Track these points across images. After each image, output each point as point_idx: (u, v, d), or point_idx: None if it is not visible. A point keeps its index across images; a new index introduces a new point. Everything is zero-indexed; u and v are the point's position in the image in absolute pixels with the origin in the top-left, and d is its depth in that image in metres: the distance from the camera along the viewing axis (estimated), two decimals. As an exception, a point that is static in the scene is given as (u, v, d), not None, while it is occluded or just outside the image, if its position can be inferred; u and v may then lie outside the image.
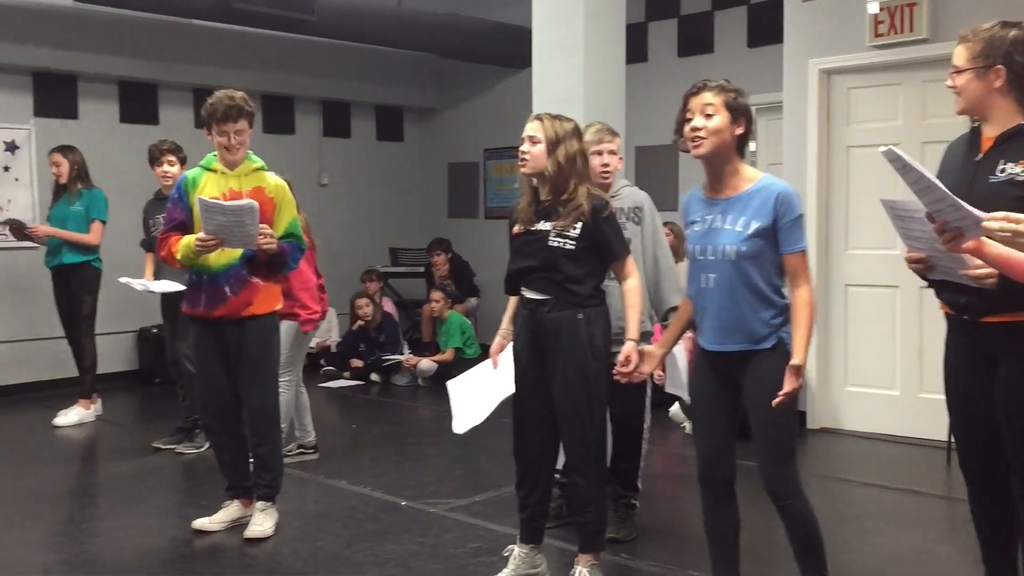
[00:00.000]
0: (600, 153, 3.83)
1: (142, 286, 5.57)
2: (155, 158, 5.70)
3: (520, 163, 3.44)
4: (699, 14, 8.05)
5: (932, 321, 5.57)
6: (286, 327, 5.22)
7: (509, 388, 3.42)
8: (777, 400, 2.78)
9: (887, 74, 5.86)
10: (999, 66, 2.66)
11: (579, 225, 3.31)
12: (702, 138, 2.88)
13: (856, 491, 4.93)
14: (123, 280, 5.61)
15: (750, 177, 2.93)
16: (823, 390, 6.15)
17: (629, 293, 3.41)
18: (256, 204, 3.85)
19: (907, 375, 5.85)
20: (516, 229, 3.45)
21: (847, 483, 5.05)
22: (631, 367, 3.23)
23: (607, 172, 3.87)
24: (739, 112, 2.89)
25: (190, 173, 4.19)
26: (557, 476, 3.75)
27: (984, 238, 2.27)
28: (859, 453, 5.72)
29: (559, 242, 3.31)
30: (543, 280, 3.35)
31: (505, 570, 3.53)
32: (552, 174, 3.34)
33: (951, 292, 2.70)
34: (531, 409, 3.43)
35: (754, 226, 2.86)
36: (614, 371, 3.27)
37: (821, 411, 6.14)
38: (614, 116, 4.83)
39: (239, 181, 4.07)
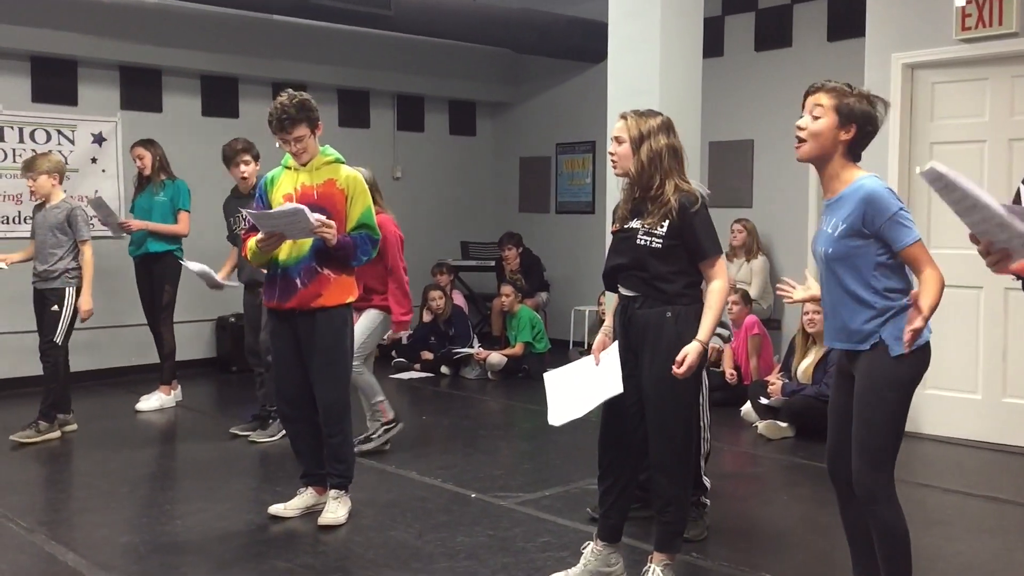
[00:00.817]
0: None
1: (196, 267, 5.81)
2: (229, 159, 5.82)
3: (611, 164, 3.46)
4: (778, 7, 7.91)
5: (1017, 323, 5.41)
6: (373, 315, 5.32)
7: (616, 388, 3.33)
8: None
9: (974, 69, 5.69)
10: None
11: (666, 223, 3.28)
12: (802, 140, 2.87)
13: (935, 497, 4.81)
14: (182, 262, 5.86)
15: (849, 179, 2.88)
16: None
17: (710, 295, 3.34)
18: (301, 207, 3.91)
19: (990, 379, 5.68)
20: (614, 227, 3.47)
21: (926, 488, 4.93)
22: (684, 368, 3.18)
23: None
24: (851, 117, 2.85)
25: (271, 173, 4.31)
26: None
27: None
28: (939, 458, 5.58)
29: (646, 240, 3.30)
30: (633, 277, 3.34)
31: (577, 566, 3.53)
32: (636, 172, 3.33)
33: None
34: (620, 404, 3.40)
35: (842, 228, 2.83)
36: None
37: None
38: (690, 111, 4.79)
39: (311, 176, 4.16)
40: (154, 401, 6.69)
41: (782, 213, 7.88)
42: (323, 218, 3.97)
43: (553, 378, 3.57)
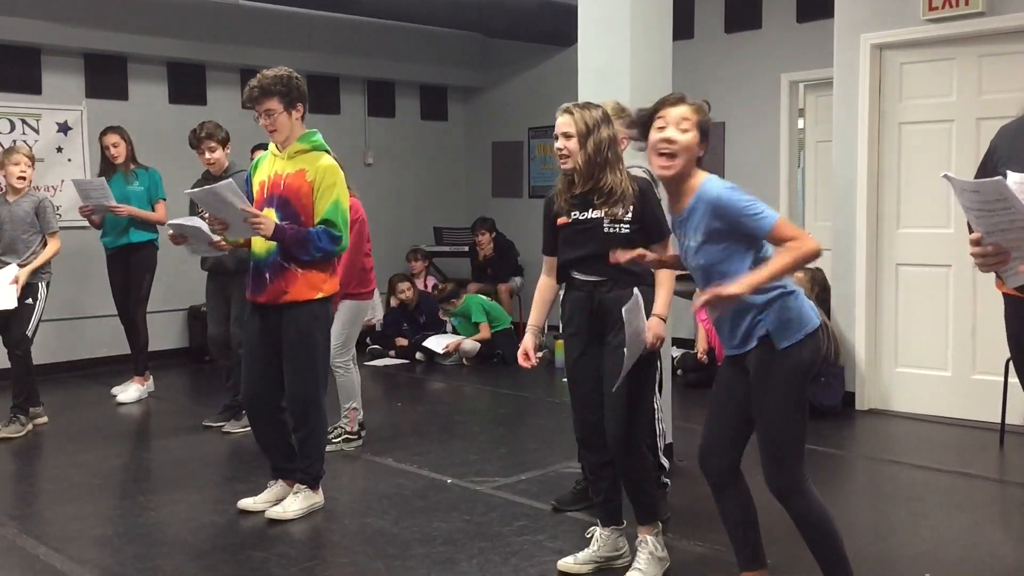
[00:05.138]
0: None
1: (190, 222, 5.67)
2: (194, 145, 5.74)
3: (560, 160, 3.44)
4: (747, -11, 7.92)
5: (986, 301, 5.47)
6: (346, 306, 5.28)
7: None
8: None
9: (942, 48, 5.72)
10: None
11: (630, 208, 3.35)
12: (673, 154, 2.83)
13: (906, 473, 4.87)
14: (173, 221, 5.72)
15: (693, 188, 2.88)
16: (873, 371, 6.07)
17: (662, 272, 3.41)
18: (229, 181, 3.92)
19: (959, 356, 5.75)
20: (562, 220, 3.44)
21: (897, 465, 4.98)
22: (652, 338, 3.28)
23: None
24: (706, 134, 2.90)
25: (259, 156, 4.28)
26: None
27: None
28: (909, 435, 5.65)
29: (614, 228, 3.34)
30: (598, 264, 3.35)
31: (587, 550, 3.55)
32: (584, 165, 3.35)
33: None
34: (589, 388, 3.43)
35: (701, 239, 2.85)
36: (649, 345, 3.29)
37: (871, 392, 6.07)
38: (660, 93, 4.73)
39: (286, 164, 4.07)
40: (132, 392, 6.62)
41: (753, 195, 7.89)
42: (250, 209, 3.88)
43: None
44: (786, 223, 2.82)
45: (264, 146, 4.60)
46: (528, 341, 3.52)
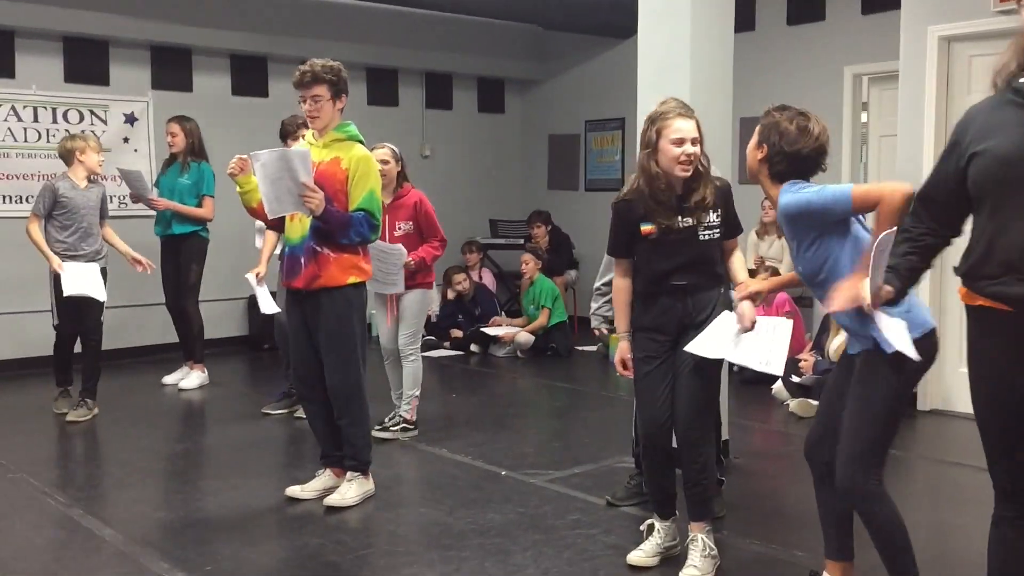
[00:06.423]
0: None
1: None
2: (290, 132, 5.76)
3: (684, 168, 3.27)
4: (811, -20, 7.79)
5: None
6: (418, 295, 5.34)
7: (776, 368, 3.26)
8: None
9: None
10: None
11: (718, 212, 3.38)
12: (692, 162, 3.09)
13: (968, 475, 4.76)
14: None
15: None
16: (935, 371, 5.88)
17: (736, 260, 3.53)
18: (306, 150, 3.97)
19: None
20: (647, 228, 3.34)
21: (959, 467, 4.88)
22: (748, 292, 3.33)
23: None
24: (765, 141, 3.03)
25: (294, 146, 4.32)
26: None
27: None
28: (971, 436, 5.47)
29: (708, 235, 3.36)
30: (692, 269, 3.36)
31: (651, 541, 3.55)
32: (699, 170, 3.34)
33: (1019, 283, 2.33)
34: (664, 389, 3.41)
35: (795, 245, 2.98)
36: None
37: (933, 392, 5.94)
38: (721, 86, 4.73)
39: (321, 152, 4.11)
40: (194, 379, 6.74)
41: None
42: (311, 183, 3.90)
43: (727, 320, 3.37)
44: (862, 189, 2.79)
45: None
46: (626, 349, 3.47)
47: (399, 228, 5.28)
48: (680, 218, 3.33)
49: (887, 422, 2.81)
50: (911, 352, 2.68)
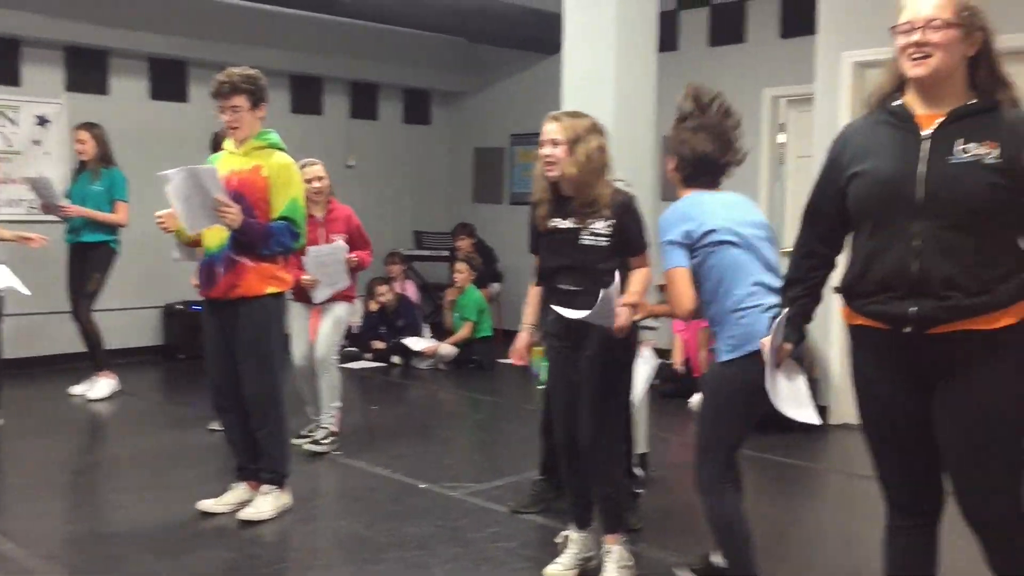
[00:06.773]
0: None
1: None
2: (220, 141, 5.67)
3: (546, 168, 3.40)
4: (732, 3, 7.97)
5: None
6: (342, 308, 5.30)
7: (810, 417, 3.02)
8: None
9: (922, 68, 5.77)
10: (979, 32, 2.39)
11: (611, 222, 3.36)
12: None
13: (878, 488, 4.88)
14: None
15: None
16: (844, 385, 6.07)
17: (633, 275, 3.40)
18: (213, 167, 3.92)
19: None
20: (541, 226, 3.47)
21: (869, 480, 4.97)
22: (620, 323, 3.25)
23: None
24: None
25: (214, 155, 4.25)
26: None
27: None
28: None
29: (592, 240, 3.36)
30: (576, 274, 3.38)
31: (568, 554, 3.55)
32: (573, 173, 3.35)
33: (894, 301, 2.35)
34: (569, 396, 3.44)
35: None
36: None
37: (843, 406, 6.10)
38: (645, 102, 4.80)
39: (241, 160, 4.06)
40: (103, 388, 6.54)
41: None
42: (225, 198, 3.84)
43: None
44: (671, 280, 3.16)
45: None
46: (523, 339, 3.56)
47: (336, 240, 5.26)
48: (563, 219, 3.40)
49: (716, 426, 3.11)
50: (810, 418, 2.90)
